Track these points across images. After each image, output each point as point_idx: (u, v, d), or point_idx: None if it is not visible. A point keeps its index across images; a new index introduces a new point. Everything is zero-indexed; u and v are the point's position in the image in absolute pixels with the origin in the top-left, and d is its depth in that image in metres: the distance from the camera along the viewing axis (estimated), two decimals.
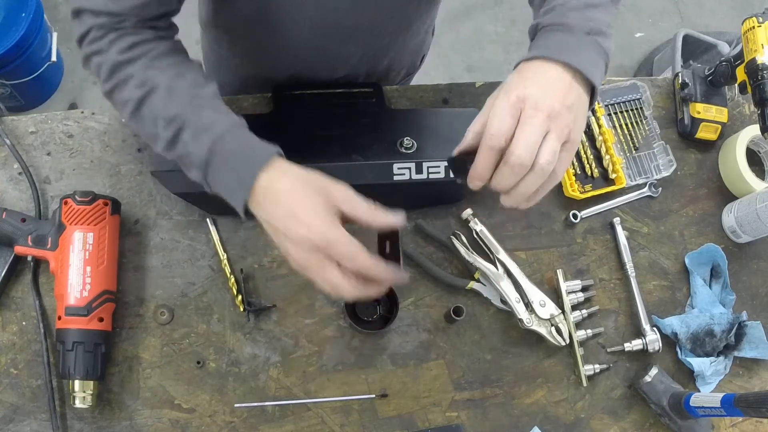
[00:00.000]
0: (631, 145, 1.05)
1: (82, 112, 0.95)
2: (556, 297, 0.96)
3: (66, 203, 0.84)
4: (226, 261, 0.90)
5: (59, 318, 0.81)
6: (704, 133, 1.06)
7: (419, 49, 1.12)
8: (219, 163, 0.68)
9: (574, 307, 0.95)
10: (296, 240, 0.63)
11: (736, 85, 1.00)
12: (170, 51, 0.73)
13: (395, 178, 0.90)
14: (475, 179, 0.65)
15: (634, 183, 1.03)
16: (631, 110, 1.06)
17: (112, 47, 0.70)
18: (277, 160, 0.67)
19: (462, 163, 0.66)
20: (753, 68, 0.94)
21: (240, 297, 0.89)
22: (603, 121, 1.03)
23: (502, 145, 0.61)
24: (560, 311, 0.93)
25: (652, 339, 0.94)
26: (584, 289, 0.97)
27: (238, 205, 0.67)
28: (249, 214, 0.68)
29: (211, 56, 1.09)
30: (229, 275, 0.90)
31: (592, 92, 0.66)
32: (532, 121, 0.60)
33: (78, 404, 0.80)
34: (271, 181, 0.65)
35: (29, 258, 0.85)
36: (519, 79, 0.63)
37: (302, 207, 0.63)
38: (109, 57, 0.70)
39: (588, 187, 1.00)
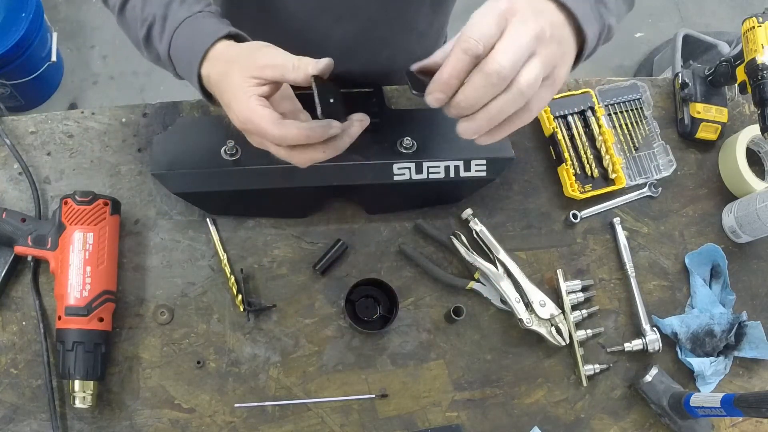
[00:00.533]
0: (631, 145, 1.05)
1: (82, 112, 0.95)
2: (556, 297, 0.96)
3: (66, 203, 0.84)
4: (226, 261, 0.90)
5: (59, 318, 0.81)
6: (704, 133, 1.06)
7: (426, 55, 1.12)
8: (177, 60, 0.70)
9: (574, 307, 0.95)
10: (237, 126, 0.66)
11: (736, 85, 1.00)
12: None
13: (395, 178, 0.90)
14: (437, 91, 0.54)
15: (634, 183, 1.03)
16: (631, 110, 1.06)
17: None
18: (217, 46, 0.68)
19: (421, 80, 0.58)
20: (753, 68, 0.94)
21: (240, 297, 0.89)
22: (603, 121, 1.03)
23: (479, 52, 0.52)
24: (560, 311, 0.93)
25: (652, 339, 0.94)
26: (584, 289, 0.97)
27: (205, 98, 0.71)
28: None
29: None
30: (229, 275, 0.90)
31: (580, 52, 0.62)
32: (519, 31, 0.52)
33: (78, 404, 0.80)
34: (209, 73, 0.68)
35: (29, 258, 0.85)
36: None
37: (230, 95, 0.65)
38: None
39: (588, 187, 1.00)
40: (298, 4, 0.89)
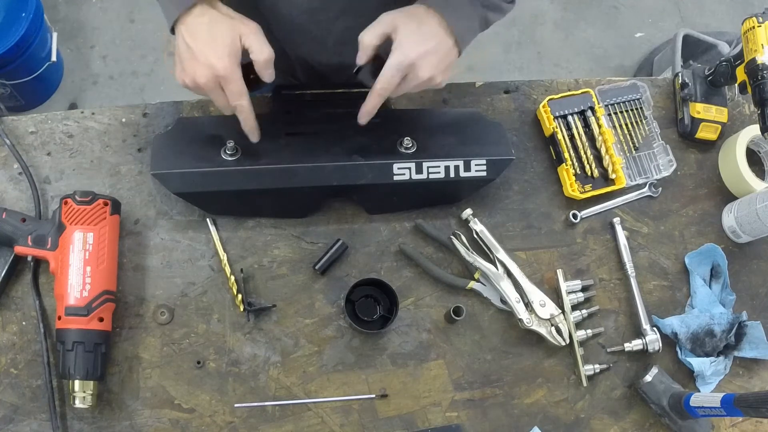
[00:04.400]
0: (631, 145, 1.05)
1: (82, 112, 0.95)
2: (556, 297, 0.96)
3: (66, 203, 0.84)
4: (226, 261, 0.90)
5: (59, 318, 0.81)
6: (704, 133, 1.06)
7: None
8: None
9: (574, 307, 0.95)
10: (204, 63, 0.76)
11: (736, 85, 1.00)
12: None
13: (395, 178, 0.90)
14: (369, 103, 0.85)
15: (634, 183, 1.03)
16: (631, 110, 1.06)
17: None
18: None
19: (367, 70, 0.84)
20: (753, 68, 0.94)
21: (240, 297, 0.89)
22: (603, 121, 1.03)
23: (386, 94, 0.83)
24: (560, 311, 0.93)
25: (652, 339, 0.94)
26: (584, 289, 0.97)
27: (169, 16, 0.78)
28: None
29: None
30: (229, 275, 0.90)
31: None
32: (407, 85, 0.82)
33: (78, 404, 0.80)
34: (203, 9, 0.77)
35: (29, 258, 0.85)
36: (414, 36, 0.79)
37: (218, 40, 0.76)
38: None
39: (588, 187, 1.00)
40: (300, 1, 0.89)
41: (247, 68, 0.79)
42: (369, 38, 0.81)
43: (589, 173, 1.01)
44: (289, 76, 1.08)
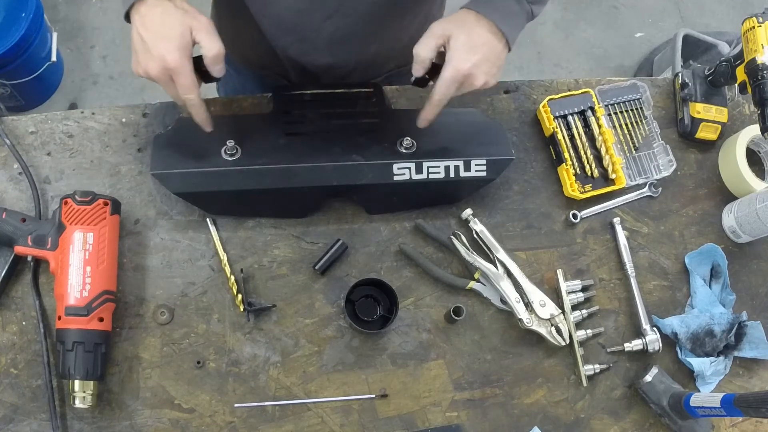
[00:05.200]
0: (631, 145, 1.05)
1: (82, 112, 0.95)
2: (556, 297, 0.96)
3: (66, 203, 0.84)
4: (226, 261, 0.90)
5: (59, 318, 0.81)
6: (704, 133, 1.06)
7: (412, 44, 1.12)
8: None
9: (574, 307, 0.95)
10: (156, 56, 0.76)
11: (736, 85, 1.00)
12: None
13: (395, 178, 0.90)
14: (429, 113, 0.87)
15: (634, 183, 1.03)
16: (631, 110, 1.06)
17: None
18: None
19: (423, 80, 0.87)
20: (753, 68, 0.94)
21: (240, 297, 0.89)
22: (603, 121, 1.03)
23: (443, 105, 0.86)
24: (560, 311, 0.93)
25: (652, 339, 0.94)
26: (584, 289, 0.97)
27: (125, 7, 0.78)
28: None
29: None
30: (229, 275, 0.90)
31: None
32: (463, 92, 0.84)
33: (78, 404, 0.80)
34: (150, 6, 0.78)
35: (29, 258, 0.85)
36: (466, 45, 0.81)
37: (169, 33, 0.76)
38: None
39: (588, 187, 1.00)
40: (292, 0, 0.89)
41: (199, 61, 0.80)
42: (424, 52, 0.82)
43: (589, 173, 1.01)
44: (281, 77, 1.08)
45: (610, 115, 1.05)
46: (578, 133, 1.02)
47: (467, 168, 0.91)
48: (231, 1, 0.99)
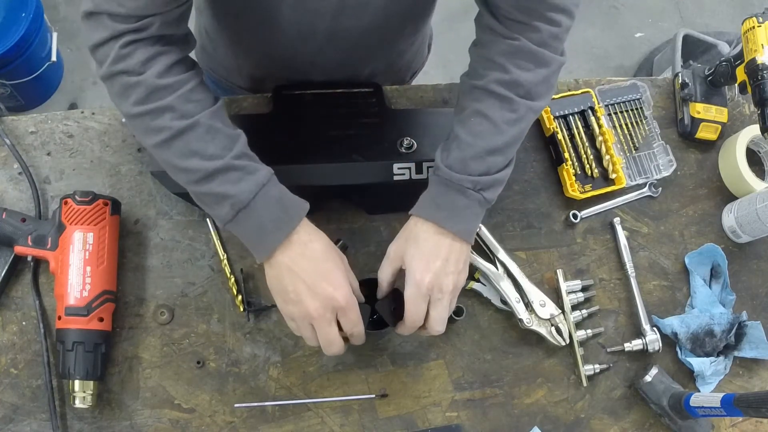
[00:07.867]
0: (631, 145, 1.05)
1: (82, 112, 0.95)
2: (556, 297, 0.96)
3: (66, 203, 0.84)
4: (226, 261, 0.90)
5: (59, 318, 0.81)
6: (704, 133, 1.06)
7: (407, 66, 1.12)
8: (260, 207, 0.73)
9: (574, 307, 0.95)
10: (321, 295, 0.73)
11: (736, 85, 1.00)
12: (202, 83, 0.75)
13: (395, 178, 0.90)
14: (405, 332, 0.81)
15: (634, 183, 1.03)
16: (631, 110, 1.06)
17: (148, 69, 0.70)
18: (305, 217, 0.76)
19: (386, 305, 0.82)
20: (753, 68, 0.94)
21: (240, 297, 0.89)
22: (603, 121, 1.03)
23: (421, 323, 0.79)
24: (560, 311, 0.93)
25: (652, 339, 0.94)
26: (584, 289, 0.97)
27: (265, 248, 0.74)
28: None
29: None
30: (229, 275, 0.90)
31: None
32: (440, 303, 0.77)
33: (78, 404, 0.80)
34: (310, 237, 0.75)
35: (29, 258, 0.85)
36: (419, 258, 0.77)
37: (333, 270, 0.75)
38: (146, 80, 0.70)
39: (588, 187, 1.00)
40: (284, 38, 0.88)
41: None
42: (384, 275, 0.81)
43: (589, 173, 1.01)
44: (274, 78, 1.08)
45: (610, 115, 1.05)
46: (578, 133, 1.02)
47: None
48: (222, 34, 0.99)
